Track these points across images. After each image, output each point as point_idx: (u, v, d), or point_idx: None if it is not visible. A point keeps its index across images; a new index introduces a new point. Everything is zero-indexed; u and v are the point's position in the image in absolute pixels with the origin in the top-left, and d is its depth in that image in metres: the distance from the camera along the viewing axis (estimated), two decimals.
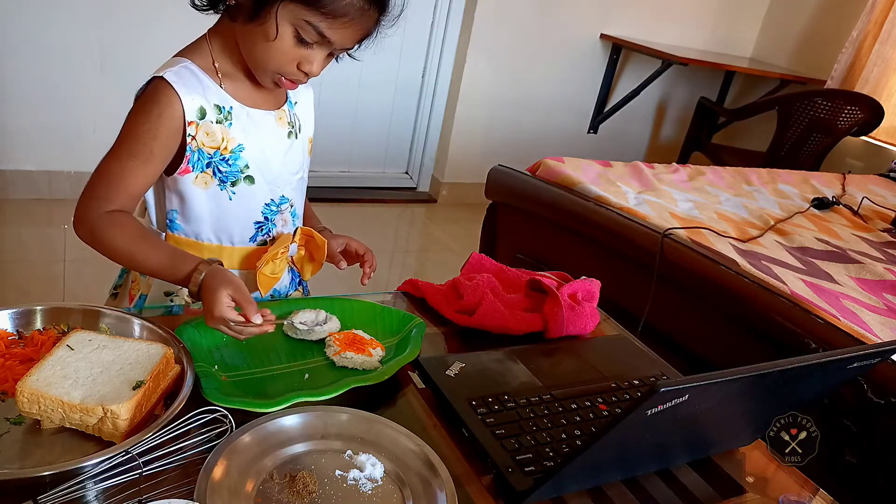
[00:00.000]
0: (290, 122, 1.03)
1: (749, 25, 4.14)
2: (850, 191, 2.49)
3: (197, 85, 0.92)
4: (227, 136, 0.94)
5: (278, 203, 1.03)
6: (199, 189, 0.96)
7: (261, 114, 0.98)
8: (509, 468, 0.72)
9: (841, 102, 3.19)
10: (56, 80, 2.65)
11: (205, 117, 0.92)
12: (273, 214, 1.03)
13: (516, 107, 3.66)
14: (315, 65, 0.90)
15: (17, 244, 2.50)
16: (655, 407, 0.57)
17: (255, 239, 1.03)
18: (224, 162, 0.95)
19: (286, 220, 1.06)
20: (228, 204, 0.98)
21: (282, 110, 1.02)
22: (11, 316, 0.79)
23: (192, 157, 0.93)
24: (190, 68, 0.92)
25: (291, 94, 1.06)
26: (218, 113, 0.93)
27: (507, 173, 2.08)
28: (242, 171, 0.97)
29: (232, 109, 0.95)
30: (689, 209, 1.96)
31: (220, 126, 0.93)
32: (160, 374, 0.72)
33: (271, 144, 1.00)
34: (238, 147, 0.95)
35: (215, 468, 0.63)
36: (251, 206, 1.00)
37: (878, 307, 1.54)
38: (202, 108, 0.92)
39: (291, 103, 1.05)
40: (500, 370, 0.90)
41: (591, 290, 1.09)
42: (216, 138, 0.94)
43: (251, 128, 0.97)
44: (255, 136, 0.97)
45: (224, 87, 0.94)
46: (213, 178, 0.96)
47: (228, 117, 0.94)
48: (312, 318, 0.93)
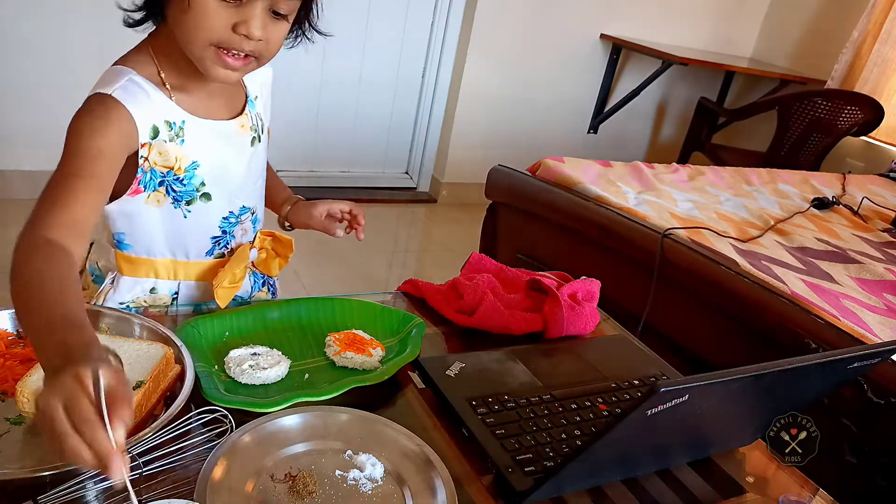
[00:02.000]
0: (253, 127, 0.95)
1: (749, 25, 4.14)
2: (850, 191, 2.49)
3: (146, 100, 0.83)
4: (180, 154, 0.86)
5: (238, 214, 0.97)
6: (152, 207, 0.89)
7: (218, 125, 0.90)
8: (509, 468, 0.72)
9: (841, 102, 3.19)
10: (56, 80, 2.65)
11: (157, 136, 0.84)
12: (232, 227, 0.98)
13: (516, 107, 3.66)
14: (253, 23, 0.76)
15: None
16: (655, 407, 0.57)
17: (211, 252, 0.98)
18: (178, 182, 0.88)
19: (246, 229, 1.00)
20: (183, 221, 0.91)
21: (243, 116, 0.94)
22: (11, 316, 0.80)
23: (143, 178, 0.86)
24: (136, 81, 0.83)
25: (250, 90, 0.96)
26: (169, 130, 0.85)
27: (507, 173, 2.08)
28: (198, 189, 0.90)
29: (184, 124, 0.86)
30: (689, 209, 1.96)
31: (173, 144, 0.85)
32: (160, 374, 0.72)
33: (231, 156, 0.93)
34: (192, 165, 0.88)
35: (215, 468, 0.63)
36: (207, 222, 0.94)
37: (878, 307, 1.54)
38: (155, 126, 0.84)
39: (252, 102, 0.96)
40: (500, 370, 0.90)
41: (591, 290, 1.09)
42: (169, 158, 0.86)
43: (207, 141, 0.89)
44: (212, 150, 0.89)
45: (174, 100, 0.85)
46: (166, 196, 0.89)
47: (180, 133, 0.86)
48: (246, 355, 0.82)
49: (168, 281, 0.97)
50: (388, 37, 3.32)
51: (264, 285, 1.12)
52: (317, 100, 3.26)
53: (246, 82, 0.97)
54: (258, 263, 1.05)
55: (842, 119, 3.21)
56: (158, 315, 0.92)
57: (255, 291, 1.09)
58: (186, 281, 0.98)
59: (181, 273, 0.97)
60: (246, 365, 0.80)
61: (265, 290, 1.12)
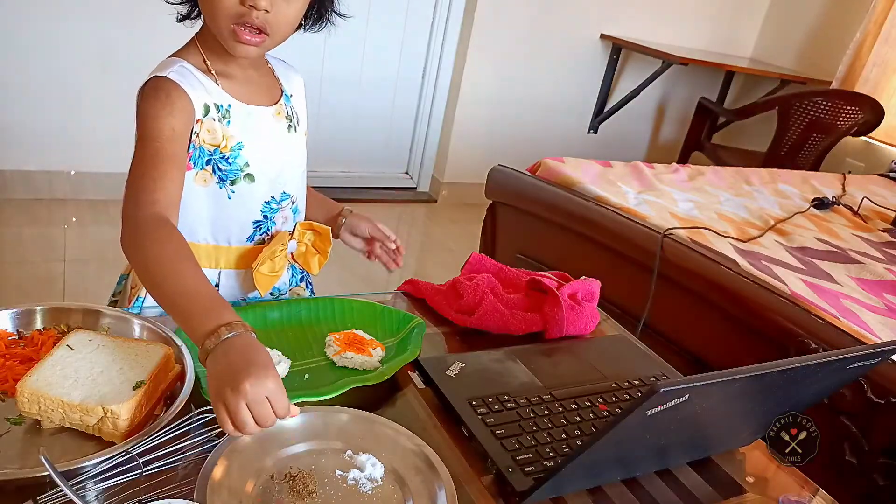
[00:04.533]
0: (288, 116, 1.02)
1: (749, 25, 4.14)
2: (851, 191, 2.49)
3: (196, 83, 0.91)
4: (227, 133, 0.94)
5: (279, 200, 1.02)
6: (200, 186, 0.95)
7: (259, 110, 0.97)
8: (509, 468, 0.72)
9: (841, 102, 3.19)
10: (56, 80, 2.65)
11: (208, 114, 0.92)
12: (273, 212, 1.02)
13: (516, 107, 3.66)
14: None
15: (17, 244, 2.50)
16: (655, 407, 0.57)
17: (252, 238, 1.02)
18: (224, 160, 0.94)
19: (286, 216, 1.04)
20: (227, 203, 0.97)
21: (279, 104, 1.01)
22: (11, 316, 0.80)
23: (193, 154, 0.93)
24: (186, 67, 0.92)
25: (286, 87, 1.04)
26: (217, 111, 0.93)
27: (507, 173, 2.08)
28: (242, 169, 0.96)
29: (230, 107, 0.94)
30: (689, 209, 1.96)
31: (220, 124, 0.93)
32: (160, 374, 0.72)
33: (271, 140, 0.99)
34: (237, 145, 0.95)
35: (215, 468, 0.63)
36: (250, 205, 0.99)
37: (878, 307, 1.54)
38: (206, 105, 0.91)
39: (287, 96, 1.03)
40: (500, 370, 0.90)
41: (591, 290, 1.09)
42: (216, 136, 0.93)
43: (250, 125, 0.96)
44: (255, 134, 0.96)
45: (221, 85, 0.94)
46: (212, 175, 0.95)
47: (227, 115, 0.93)
48: None
49: (210, 270, 1.00)
50: (388, 37, 3.32)
51: (302, 280, 1.14)
52: (317, 100, 3.26)
53: (282, 81, 1.04)
54: (298, 257, 1.08)
55: (842, 119, 3.21)
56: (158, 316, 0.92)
57: (293, 285, 1.11)
58: (227, 270, 1.01)
59: (222, 260, 1.01)
60: None
61: (303, 285, 1.14)
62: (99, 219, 2.77)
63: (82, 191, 2.83)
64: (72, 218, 2.72)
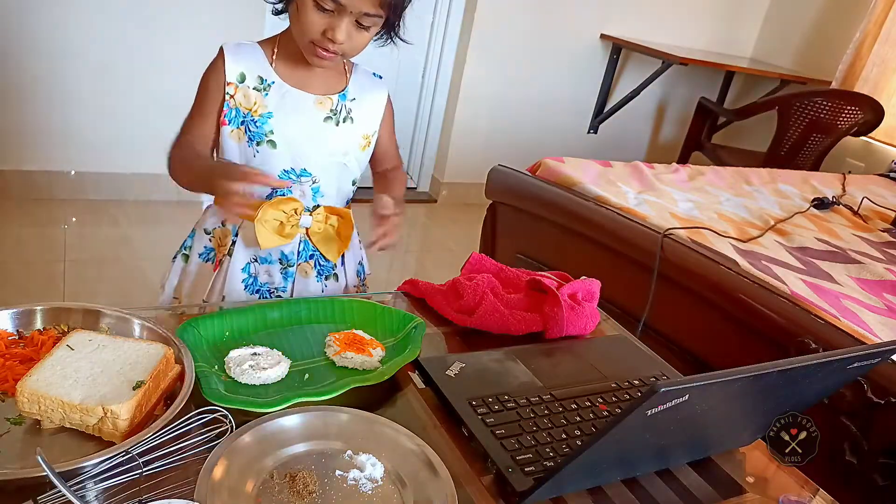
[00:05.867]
0: (333, 110, 1.14)
1: (749, 25, 4.14)
2: (851, 191, 2.49)
3: (249, 58, 1.09)
4: (261, 102, 1.09)
5: (298, 174, 1.13)
6: (233, 142, 1.11)
7: (300, 94, 1.11)
8: (509, 468, 0.72)
9: (841, 102, 3.19)
10: (56, 80, 2.65)
11: (244, 82, 1.08)
12: (290, 181, 1.13)
13: (516, 107, 3.66)
14: (338, 31, 0.99)
15: (17, 244, 2.50)
16: (655, 407, 0.57)
17: (270, 197, 1.13)
18: (252, 123, 1.10)
19: (304, 192, 1.14)
20: (252, 160, 1.11)
21: (327, 97, 1.13)
22: (11, 316, 0.80)
23: (228, 113, 1.09)
24: (250, 45, 1.11)
25: (352, 90, 1.16)
26: (259, 83, 1.09)
27: (507, 173, 2.08)
28: (266, 135, 1.10)
29: (273, 84, 1.10)
30: (689, 209, 1.96)
31: (257, 93, 1.09)
32: (160, 374, 0.72)
33: (303, 121, 1.12)
34: (267, 114, 1.09)
35: (215, 468, 0.63)
36: (270, 167, 1.11)
37: (878, 307, 1.54)
38: (242, 73, 1.09)
39: (344, 96, 1.15)
40: (500, 370, 0.90)
41: (592, 291, 1.09)
42: (250, 101, 1.09)
43: (285, 102, 1.10)
44: (287, 110, 1.10)
45: (274, 67, 1.10)
46: (244, 134, 1.10)
47: (267, 89, 1.09)
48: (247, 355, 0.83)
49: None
50: None
51: (311, 258, 1.19)
52: None
53: (350, 83, 1.17)
54: (313, 235, 1.16)
55: (842, 119, 3.21)
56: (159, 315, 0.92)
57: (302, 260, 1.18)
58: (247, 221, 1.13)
59: None
60: (246, 365, 0.80)
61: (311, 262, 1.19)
62: (99, 219, 2.77)
63: (82, 191, 2.83)
64: (72, 218, 2.72)
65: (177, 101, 2.70)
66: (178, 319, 0.90)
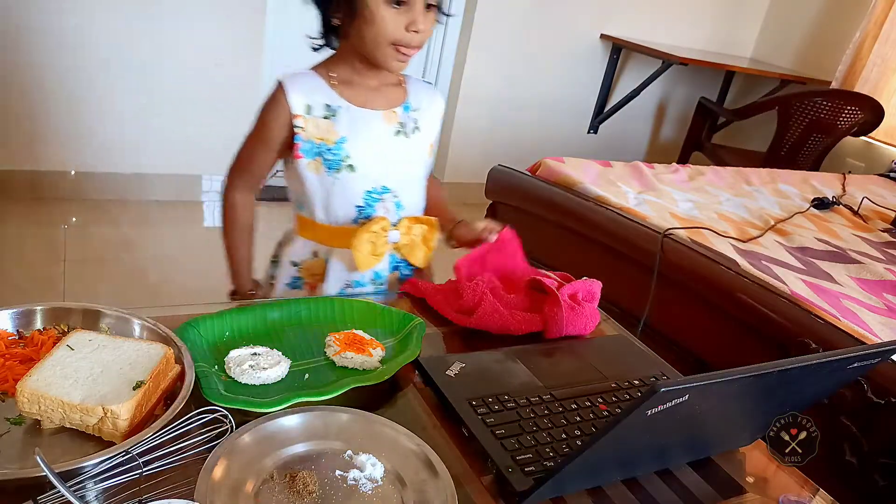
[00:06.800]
0: (402, 123, 1.15)
1: (749, 25, 4.14)
2: (851, 191, 2.49)
3: (310, 87, 1.09)
4: (332, 129, 1.09)
5: (380, 192, 1.15)
6: (311, 173, 1.12)
7: (368, 113, 1.11)
8: (509, 468, 0.72)
9: (841, 102, 3.19)
10: (57, 80, 2.65)
11: (311, 112, 1.09)
12: (374, 201, 1.15)
13: (516, 107, 3.66)
14: (418, 20, 1.01)
15: (17, 244, 2.50)
16: (655, 407, 0.57)
17: (356, 220, 1.15)
18: (329, 151, 1.10)
19: (388, 208, 1.16)
20: (333, 188, 1.12)
21: (392, 112, 1.14)
22: (11, 316, 0.79)
23: (302, 146, 1.10)
24: (307, 73, 1.11)
25: (413, 101, 1.17)
26: (326, 110, 1.09)
27: (507, 173, 2.08)
28: (344, 160, 1.11)
29: (340, 108, 1.10)
30: (689, 209, 1.96)
31: (327, 121, 1.09)
32: (160, 374, 0.72)
33: (375, 139, 1.12)
34: (341, 139, 1.10)
35: (215, 468, 0.63)
36: (352, 191, 1.13)
37: (878, 307, 1.54)
38: (308, 105, 1.08)
39: (407, 107, 1.16)
40: (500, 370, 0.90)
41: (592, 291, 1.09)
42: (321, 131, 1.09)
43: (356, 124, 1.10)
44: (359, 131, 1.11)
45: (336, 90, 1.10)
46: (321, 165, 1.11)
47: (335, 114, 1.09)
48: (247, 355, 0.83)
49: (324, 247, 1.18)
50: None
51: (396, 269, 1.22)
52: None
53: (410, 94, 1.18)
54: (404, 249, 1.19)
55: (842, 119, 3.21)
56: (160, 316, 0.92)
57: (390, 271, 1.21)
58: (337, 249, 1.16)
59: (335, 240, 1.16)
60: (246, 365, 0.80)
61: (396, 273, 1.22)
62: (99, 219, 2.77)
63: (82, 191, 2.83)
64: (72, 218, 2.72)
65: (177, 102, 2.71)
66: (178, 319, 0.90)
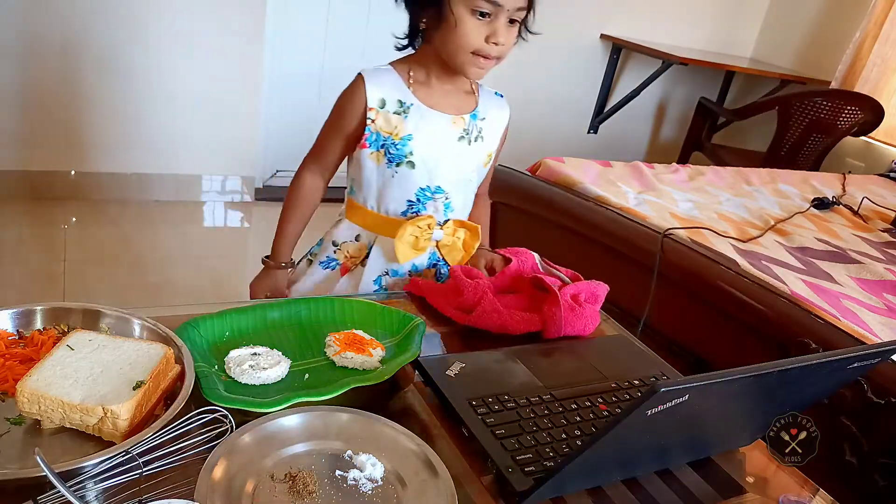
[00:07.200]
0: (466, 129, 1.19)
1: (749, 25, 4.14)
2: (851, 191, 2.49)
3: (387, 83, 1.14)
4: (401, 125, 1.14)
5: (433, 191, 1.19)
6: (372, 163, 1.17)
7: (437, 115, 1.16)
8: (509, 468, 0.72)
9: (841, 102, 3.19)
10: (56, 80, 2.65)
11: (384, 107, 1.13)
12: (426, 199, 1.19)
13: (516, 107, 3.64)
14: (500, 33, 1.05)
15: (17, 244, 2.50)
16: (655, 407, 0.57)
17: (406, 214, 1.20)
18: (393, 145, 1.15)
19: (438, 208, 1.20)
20: (391, 180, 1.17)
21: (460, 117, 1.18)
22: (11, 316, 0.79)
23: (369, 136, 1.15)
24: (387, 69, 1.16)
25: (482, 110, 1.21)
26: (399, 106, 1.14)
27: (507, 173, 2.08)
28: (406, 156, 1.15)
29: (412, 106, 1.14)
30: (689, 209, 1.96)
31: (398, 117, 1.14)
32: (160, 374, 0.72)
33: (439, 141, 1.16)
34: (407, 136, 1.14)
35: (215, 468, 0.63)
36: (408, 186, 1.17)
37: (878, 307, 1.54)
38: (383, 99, 1.13)
39: (475, 116, 1.20)
40: (500, 370, 0.90)
41: (596, 293, 1.09)
42: (391, 125, 1.14)
43: (424, 123, 1.15)
44: (425, 131, 1.15)
45: (412, 89, 1.15)
46: (383, 157, 1.16)
47: (407, 111, 1.14)
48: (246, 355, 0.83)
49: (369, 232, 1.22)
50: (388, 37, 3.32)
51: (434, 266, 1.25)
52: (317, 99, 3.26)
53: (480, 103, 1.22)
54: (444, 249, 1.23)
55: (842, 119, 3.21)
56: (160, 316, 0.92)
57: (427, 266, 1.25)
58: (382, 237, 1.21)
59: (381, 228, 1.21)
60: (246, 365, 0.80)
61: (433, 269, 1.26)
62: (99, 219, 2.77)
63: (82, 191, 2.83)
64: (72, 218, 2.72)
65: (177, 102, 2.71)
66: (178, 319, 0.90)
